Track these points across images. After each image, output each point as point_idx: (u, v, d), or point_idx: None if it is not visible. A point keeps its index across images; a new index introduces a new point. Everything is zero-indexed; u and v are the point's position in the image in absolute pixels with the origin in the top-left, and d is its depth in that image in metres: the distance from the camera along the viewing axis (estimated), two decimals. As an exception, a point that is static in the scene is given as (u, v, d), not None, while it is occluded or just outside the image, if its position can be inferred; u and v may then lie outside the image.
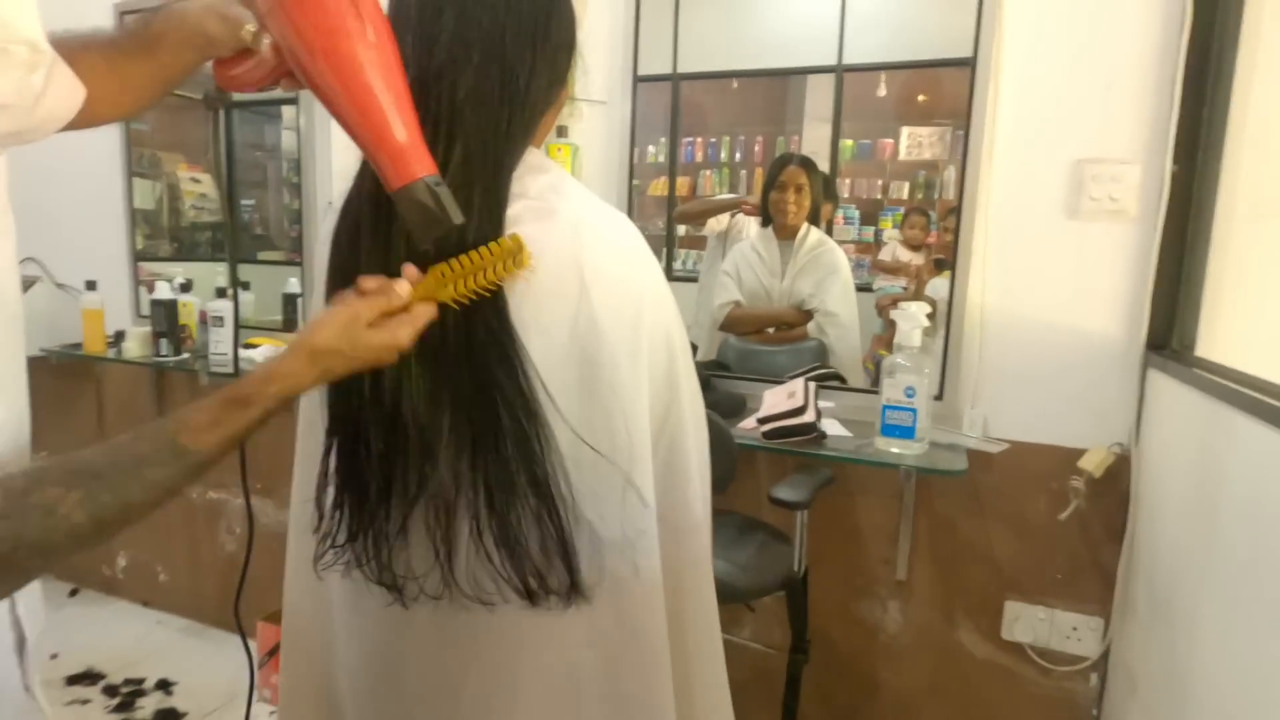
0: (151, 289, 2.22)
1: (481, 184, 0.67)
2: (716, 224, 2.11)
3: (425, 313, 0.65)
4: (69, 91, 0.65)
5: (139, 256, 2.47)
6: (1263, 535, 0.95)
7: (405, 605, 0.74)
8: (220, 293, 2.14)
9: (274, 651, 2.08)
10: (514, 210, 0.69)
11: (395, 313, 0.64)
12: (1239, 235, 1.34)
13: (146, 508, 0.58)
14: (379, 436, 0.70)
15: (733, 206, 2.09)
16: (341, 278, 0.69)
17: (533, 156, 0.73)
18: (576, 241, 0.70)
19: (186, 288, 2.22)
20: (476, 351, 0.67)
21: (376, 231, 0.69)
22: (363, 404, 0.70)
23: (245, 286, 2.35)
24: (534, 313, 0.68)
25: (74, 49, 0.66)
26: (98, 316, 2.26)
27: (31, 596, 0.76)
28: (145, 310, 2.35)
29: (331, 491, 0.74)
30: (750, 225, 2.09)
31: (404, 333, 0.64)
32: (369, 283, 0.65)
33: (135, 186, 2.45)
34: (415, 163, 0.60)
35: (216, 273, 2.41)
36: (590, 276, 0.70)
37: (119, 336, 2.27)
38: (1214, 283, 1.38)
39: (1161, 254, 1.45)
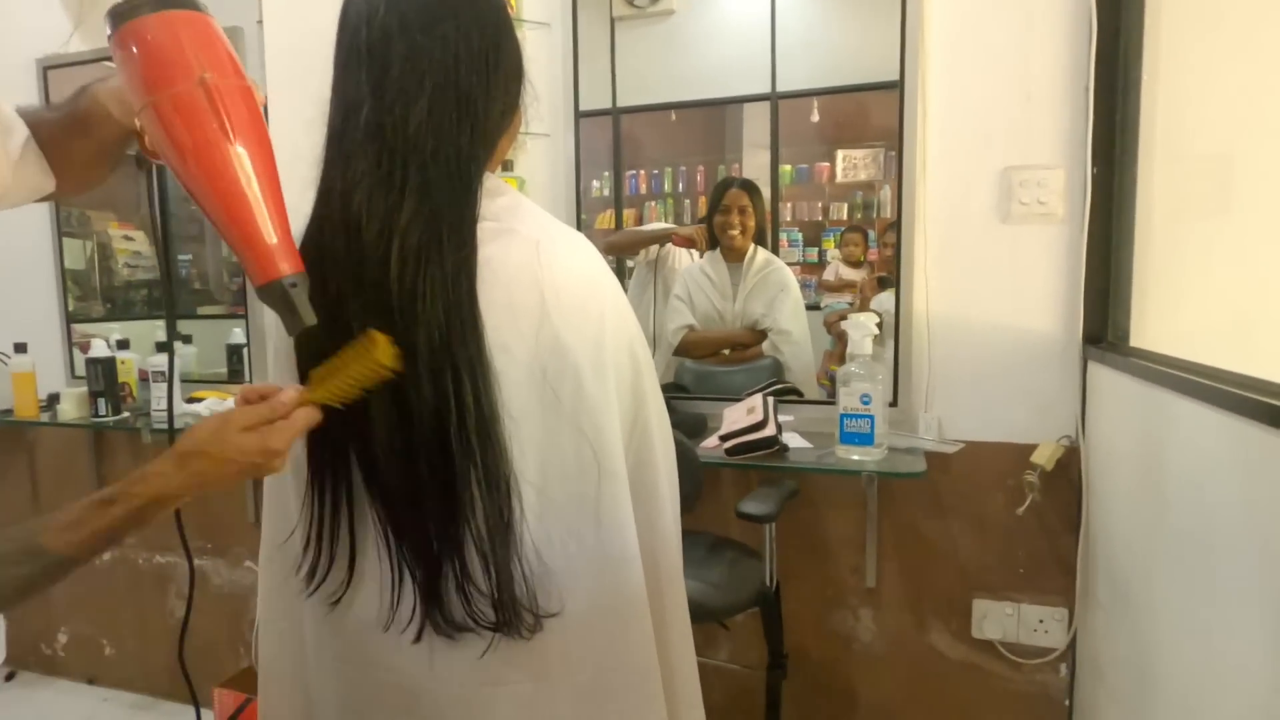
0: (86, 349, 2.14)
1: (450, 206, 0.68)
2: (645, 252, 2.14)
3: (304, 418, 0.64)
4: (42, 171, 0.74)
5: (70, 319, 2.38)
6: (1206, 509, 0.99)
7: (382, 635, 0.72)
8: (160, 347, 2.07)
9: (233, 719, 1.99)
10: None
11: (276, 420, 0.63)
12: (1161, 232, 1.42)
13: (2, 604, 0.58)
14: (357, 467, 0.70)
15: (663, 237, 2.11)
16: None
17: (489, 181, 0.74)
18: (536, 260, 0.71)
19: (124, 345, 2.15)
20: (444, 370, 0.67)
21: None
22: (338, 438, 0.69)
23: (188, 340, 2.28)
24: (495, 331, 0.69)
25: (30, 124, 0.72)
26: (29, 380, 2.16)
27: None
28: (80, 372, 2.27)
29: (312, 530, 0.73)
30: (681, 253, 2.12)
31: (277, 437, 0.62)
32: (250, 392, 0.65)
33: (65, 246, 2.37)
34: (277, 262, 0.62)
35: (155, 328, 2.33)
36: (550, 294, 0.71)
37: (53, 399, 2.18)
38: (1141, 277, 1.45)
39: (1090, 252, 1.52)
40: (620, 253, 2.15)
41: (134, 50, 0.63)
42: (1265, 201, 1.25)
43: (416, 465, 0.67)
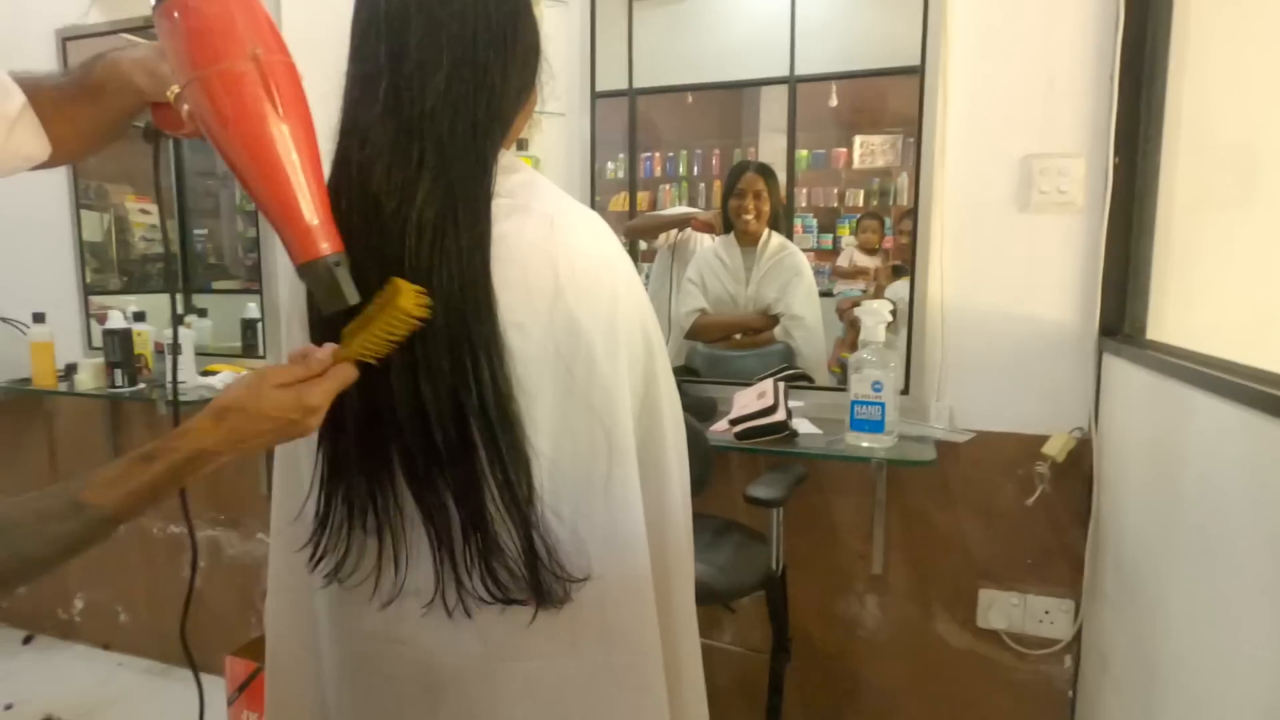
0: (104, 320, 2.16)
1: (465, 182, 0.68)
2: (666, 236, 2.14)
3: (341, 375, 0.64)
4: (37, 139, 0.70)
5: (88, 290, 2.41)
6: (1219, 504, 0.99)
7: (395, 608, 0.73)
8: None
9: (244, 687, 2.02)
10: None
11: (312, 377, 0.63)
12: (1181, 223, 1.40)
13: (47, 563, 0.57)
14: (365, 441, 0.70)
15: (683, 222, 2.10)
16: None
17: (504, 158, 0.74)
18: (550, 238, 0.71)
19: (140, 317, 2.17)
20: (461, 345, 0.67)
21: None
22: (350, 410, 0.70)
23: (203, 314, 2.30)
24: (508, 308, 0.69)
25: (28, 90, 0.70)
26: (47, 349, 2.19)
27: None
28: (97, 343, 2.29)
29: (321, 503, 0.74)
30: (703, 237, 2.11)
31: (313, 395, 0.62)
32: (295, 353, 0.65)
33: (83, 218, 2.39)
34: (319, 241, 0.61)
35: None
36: (565, 273, 0.71)
37: (70, 369, 2.20)
38: (1160, 268, 1.44)
39: (1109, 242, 1.50)
40: (640, 236, 2.15)
41: (181, 22, 0.61)
42: (1289, 194, 1.23)
43: (436, 440, 0.68)
